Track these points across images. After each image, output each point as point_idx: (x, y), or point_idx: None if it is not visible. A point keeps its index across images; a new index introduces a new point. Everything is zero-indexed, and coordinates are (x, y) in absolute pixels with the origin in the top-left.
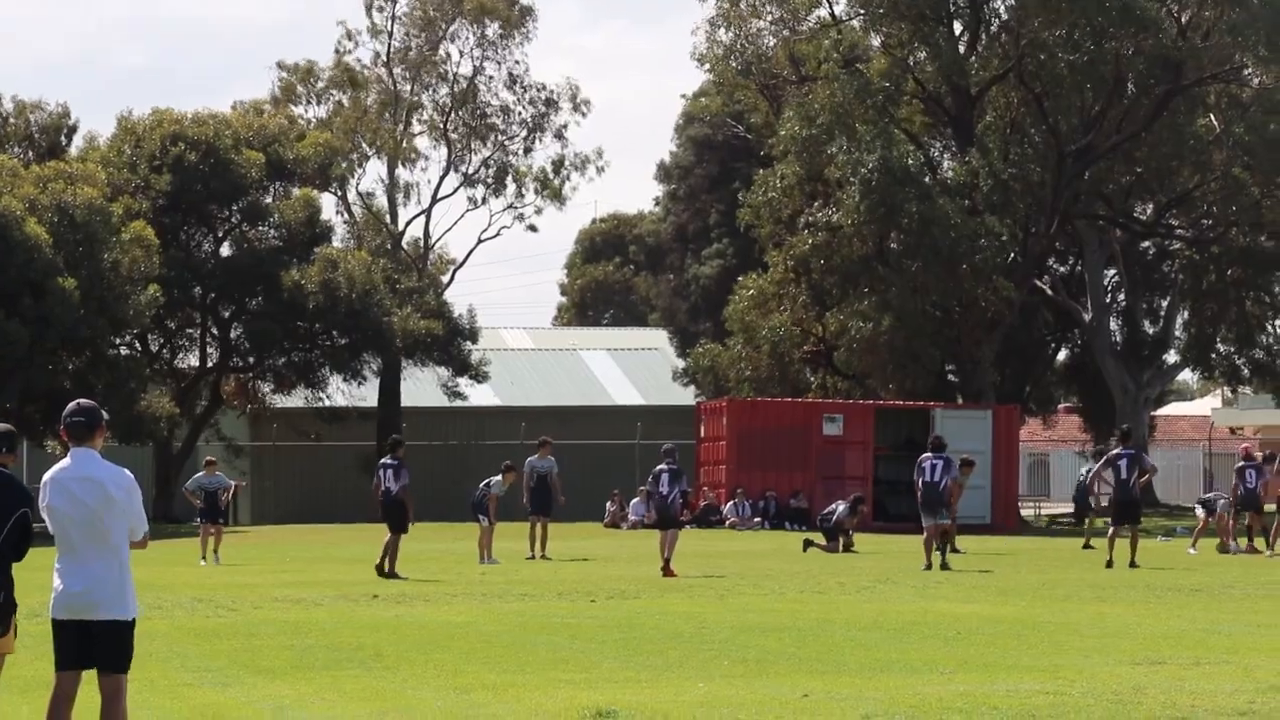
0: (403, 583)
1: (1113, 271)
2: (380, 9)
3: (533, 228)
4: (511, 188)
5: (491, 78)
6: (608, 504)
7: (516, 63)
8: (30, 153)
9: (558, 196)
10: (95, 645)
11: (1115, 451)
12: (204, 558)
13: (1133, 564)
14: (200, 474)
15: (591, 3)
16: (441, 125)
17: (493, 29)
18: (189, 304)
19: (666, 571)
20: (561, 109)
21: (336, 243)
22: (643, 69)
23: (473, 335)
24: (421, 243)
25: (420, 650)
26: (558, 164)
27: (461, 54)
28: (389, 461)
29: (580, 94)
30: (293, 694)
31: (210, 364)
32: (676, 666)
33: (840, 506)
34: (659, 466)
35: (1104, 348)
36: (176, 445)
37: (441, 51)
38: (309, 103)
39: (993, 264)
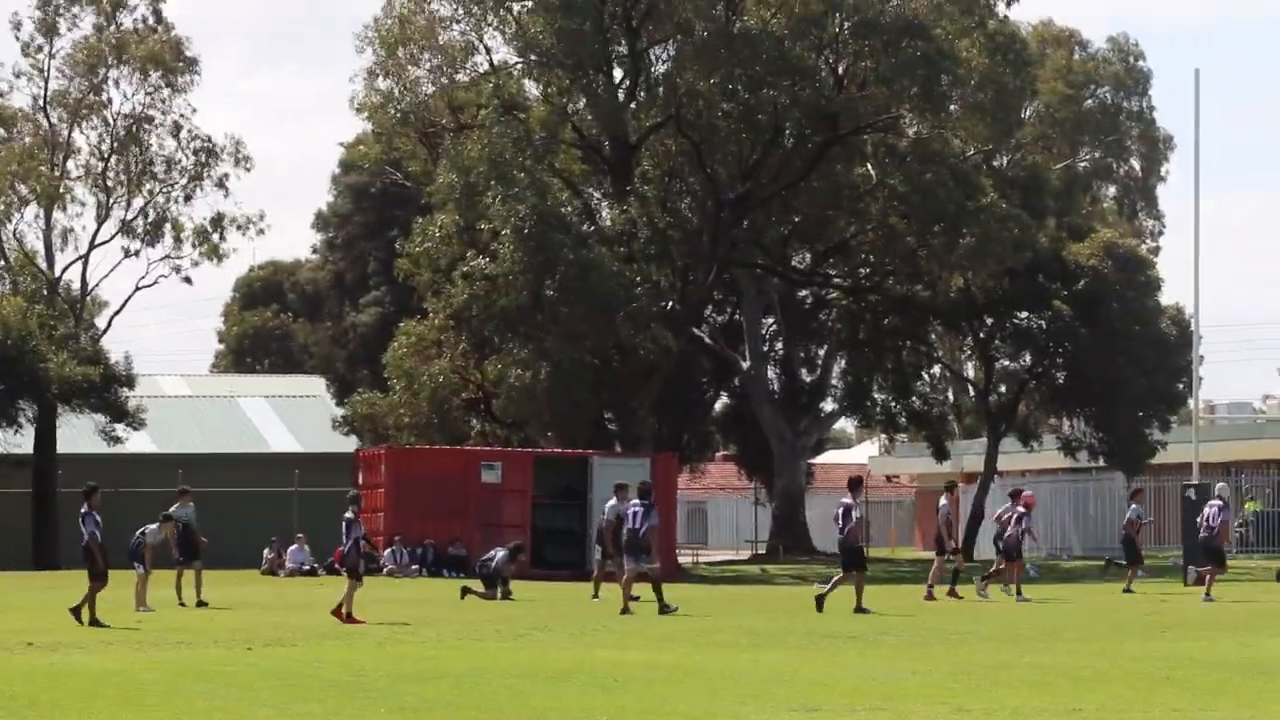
0: (58, 631)
1: (771, 320)
2: (40, 49)
3: (188, 280)
4: (169, 237)
5: (154, 125)
6: (265, 551)
7: (183, 106)
8: None
9: (215, 254)
10: None
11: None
12: None
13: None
14: None
15: (257, 48)
16: (100, 171)
17: (155, 76)
18: None
19: (347, 619)
20: (223, 161)
21: None
22: (306, 115)
23: (129, 382)
24: (78, 289)
25: (75, 699)
26: (217, 220)
27: (125, 99)
28: (82, 510)
29: (243, 147)
30: None
31: None
32: (333, 715)
33: (499, 553)
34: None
35: (761, 396)
36: None
37: (103, 96)
38: None
39: (649, 312)
